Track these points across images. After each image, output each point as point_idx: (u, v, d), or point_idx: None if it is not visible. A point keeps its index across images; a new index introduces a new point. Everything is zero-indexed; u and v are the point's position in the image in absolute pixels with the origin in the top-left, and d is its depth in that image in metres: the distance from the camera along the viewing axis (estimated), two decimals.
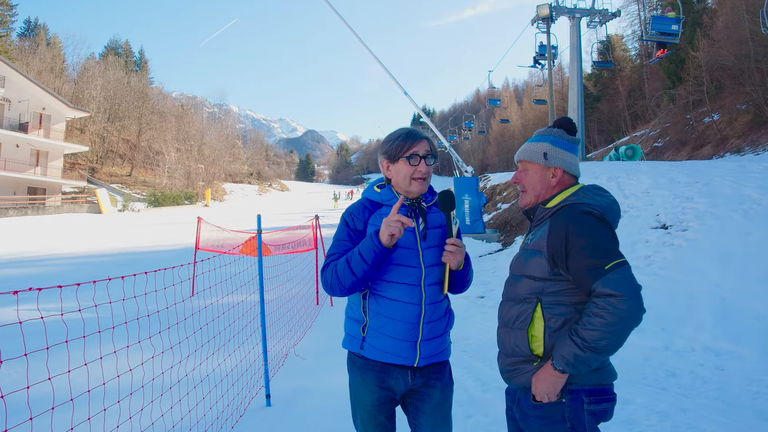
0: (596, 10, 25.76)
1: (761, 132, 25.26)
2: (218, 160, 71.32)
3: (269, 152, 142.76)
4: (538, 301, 2.09)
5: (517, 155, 2.36)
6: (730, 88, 29.56)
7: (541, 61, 30.22)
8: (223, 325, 5.63)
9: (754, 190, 10.05)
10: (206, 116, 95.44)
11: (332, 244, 2.39)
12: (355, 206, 2.42)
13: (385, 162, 2.43)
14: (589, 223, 2.01)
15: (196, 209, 45.33)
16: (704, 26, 35.17)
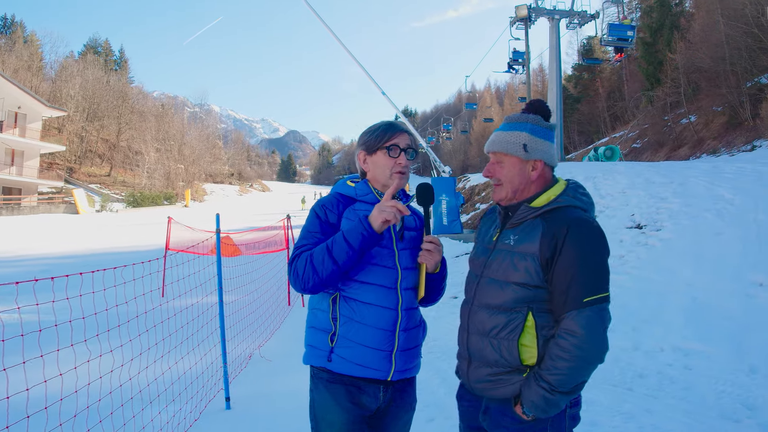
0: (575, 12, 25.97)
1: (736, 133, 25.58)
2: (198, 161, 70.73)
3: (251, 152, 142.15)
4: (529, 310, 1.91)
5: (489, 146, 2.11)
6: (706, 90, 29.92)
7: (515, 67, 30.93)
8: (181, 324, 5.38)
9: (727, 191, 10.11)
10: (187, 116, 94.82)
11: (301, 236, 2.17)
12: (327, 199, 2.23)
13: (363, 154, 2.28)
14: (590, 240, 1.89)
15: (176, 210, 44.86)
16: (681, 29, 35.55)
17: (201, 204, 57.08)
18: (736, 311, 6.07)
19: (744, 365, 4.99)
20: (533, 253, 1.92)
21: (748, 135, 24.10)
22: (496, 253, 2.06)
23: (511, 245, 2.00)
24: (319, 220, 2.18)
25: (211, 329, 5.63)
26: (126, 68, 75.35)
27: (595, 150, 23.45)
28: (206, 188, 69.18)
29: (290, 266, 2.11)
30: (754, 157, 16.73)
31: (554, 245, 1.88)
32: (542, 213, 1.98)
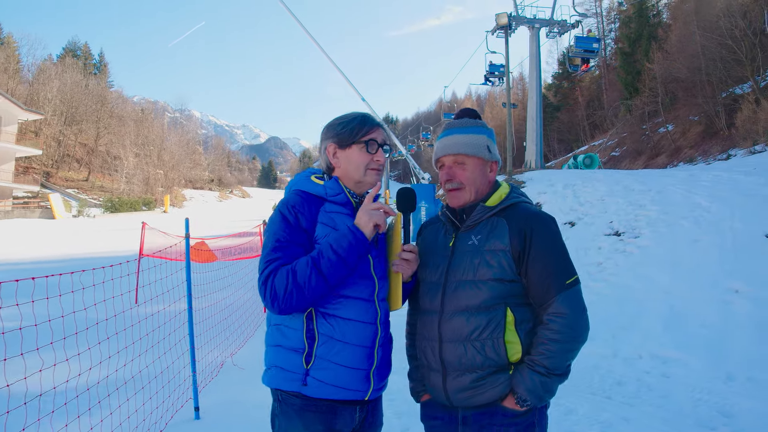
0: (555, 21, 26.13)
1: (712, 142, 25.96)
2: (178, 166, 70.19)
3: (231, 158, 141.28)
4: (506, 305, 1.93)
5: (451, 148, 2.08)
6: (683, 100, 30.37)
7: (491, 79, 31.51)
8: (152, 328, 5.22)
9: (704, 199, 10.19)
10: (167, 121, 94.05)
11: (270, 246, 1.88)
12: (293, 199, 1.95)
13: (333, 147, 2.05)
14: (554, 230, 1.99)
15: (155, 215, 44.35)
16: (659, 39, 36.08)
17: (180, 210, 56.51)
18: (713, 318, 6.08)
19: (721, 372, 4.98)
20: (503, 249, 1.95)
21: (723, 144, 24.47)
22: (460, 256, 2.03)
23: (477, 245, 2.00)
24: (289, 224, 1.90)
25: (181, 335, 5.45)
26: (105, 72, 74.46)
27: (575, 158, 23.65)
28: (186, 194, 68.57)
29: (265, 284, 1.81)
30: (729, 166, 16.92)
31: (523, 239, 1.93)
32: (498, 211, 2.04)
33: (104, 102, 61.80)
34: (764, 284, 6.60)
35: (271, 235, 1.92)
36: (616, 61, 45.38)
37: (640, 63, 37.69)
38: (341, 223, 1.95)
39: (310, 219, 1.92)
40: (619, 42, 46.86)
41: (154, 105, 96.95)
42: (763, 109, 21.59)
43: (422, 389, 2.17)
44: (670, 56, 31.25)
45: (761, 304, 6.17)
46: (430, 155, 37.36)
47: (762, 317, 5.90)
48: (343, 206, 2.01)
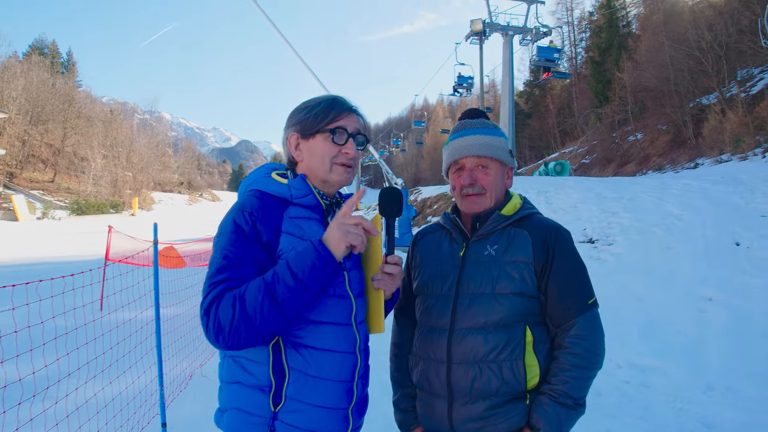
0: (528, 29, 26.41)
1: (680, 151, 26.44)
2: (147, 168, 69.07)
3: (201, 161, 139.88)
4: (525, 323, 1.76)
5: (477, 149, 1.88)
6: (652, 109, 30.91)
7: (459, 90, 32.16)
8: (117, 340, 4.97)
9: (675, 207, 10.32)
10: (137, 123, 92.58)
11: (217, 264, 1.50)
12: (251, 202, 1.58)
13: (295, 137, 1.73)
14: (573, 245, 1.86)
15: (122, 218, 43.48)
16: (629, 49, 36.71)
17: (149, 213, 55.65)
18: (689, 326, 6.08)
19: (700, 382, 4.95)
20: (525, 261, 1.79)
21: (691, 153, 24.94)
22: (474, 267, 1.84)
23: (494, 256, 1.82)
24: (242, 235, 1.53)
25: (149, 346, 5.18)
26: (74, 71, 72.86)
27: (546, 165, 23.91)
28: (154, 197, 67.60)
29: (207, 313, 1.45)
30: (697, 174, 17.24)
31: (546, 252, 1.79)
32: (514, 221, 1.89)
33: (72, 102, 60.44)
34: (736, 292, 6.64)
35: (219, 249, 1.54)
36: (586, 70, 46.08)
37: (610, 72, 38.33)
38: (310, 231, 1.63)
39: (271, 228, 1.56)
40: (589, 51, 47.61)
41: (124, 106, 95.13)
42: (728, 120, 22.06)
43: (413, 422, 1.96)
44: (640, 66, 31.81)
45: (735, 311, 6.20)
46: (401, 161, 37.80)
47: (736, 325, 5.91)
48: (312, 210, 1.68)
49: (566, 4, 52.84)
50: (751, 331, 5.78)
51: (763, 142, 18.93)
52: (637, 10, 44.13)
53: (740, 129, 20.98)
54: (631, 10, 44.39)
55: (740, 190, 10.80)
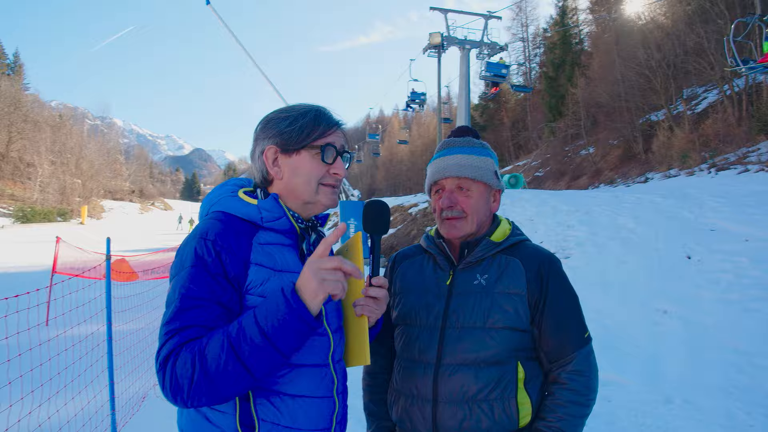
0: (485, 43, 26.79)
1: (631, 165, 27.19)
2: (97, 176, 67.09)
3: (154, 169, 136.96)
4: (517, 359, 1.66)
5: (457, 170, 1.77)
6: (603, 124, 31.72)
7: (412, 106, 32.80)
8: (68, 361, 4.72)
9: (629, 220, 10.54)
10: (87, 128, 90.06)
11: (175, 306, 1.30)
12: (215, 229, 1.38)
13: (273, 151, 1.51)
14: (566, 277, 1.79)
15: (70, 227, 41.96)
16: (582, 66, 37.69)
17: (98, 221, 53.89)
18: (645, 339, 6.18)
19: (659, 395, 5.01)
20: (519, 293, 1.69)
21: (641, 167, 25.66)
22: (462, 297, 1.72)
23: (485, 286, 1.72)
24: (205, 270, 1.32)
25: (101, 367, 4.91)
26: (21, 74, 70.19)
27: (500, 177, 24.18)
28: (105, 205, 65.53)
29: (163, 368, 1.25)
30: (648, 189, 17.74)
31: (540, 283, 1.71)
32: (505, 249, 1.79)
33: (18, 105, 58.07)
34: (689, 304, 6.81)
35: (177, 288, 1.32)
36: (541, 85, 47.08)
37: (563, 87, 39.29)
38: (282, 260, 1.45)
39: (238, 259, 1.36)
40: (543, 66, 48.69)
41: (74, 111, 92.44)
42: (676, 136, 22.85)
43: None
44: (592, 82, 32.73)
45: (688, 324, 6.34)
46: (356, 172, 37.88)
47: (690, 338, 6.05)
48: (284, 235, 1.50)
49: (521, 20, 53.99)
50: (704, 343, 5.91)
51: (708, 158, 19.63)
52: (589, 28, 45.42)
53: (687, 145, 21.74)
54: (584, 28, 45.67)
55: (689, 205, 11.11)
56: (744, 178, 15.52)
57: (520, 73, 54.98)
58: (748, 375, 5.12)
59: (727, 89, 22.45)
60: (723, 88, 22.84)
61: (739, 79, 21.78)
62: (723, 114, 21.92)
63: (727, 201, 10.60)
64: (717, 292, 6.92)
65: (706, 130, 21.82)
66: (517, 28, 53.92)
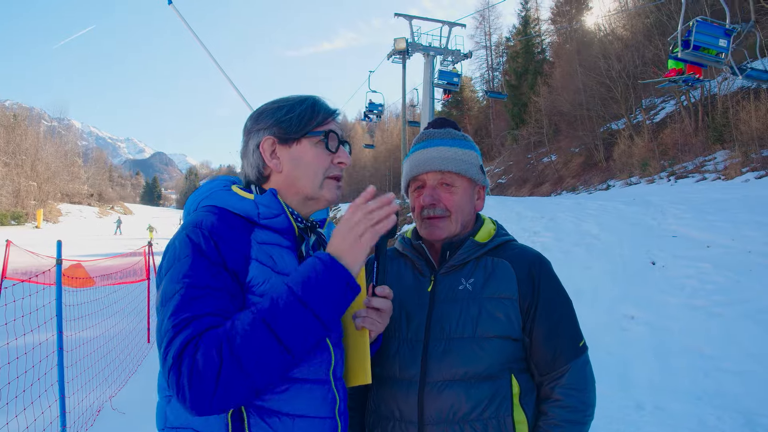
0: (449, 50, 26.95)
1: (592, 173, 27.68)
2: (54, 178, 65.04)
3: (113, 173, 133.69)
4: (510, 372, 1.48)
5: (438, 163, 1.60)
6: (565, 132, 32.24)
7: (370, 116, 33.08)
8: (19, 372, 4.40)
9: (593, 226, 10.66)
10: (44, 130, 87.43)
11: (180, 297, 1.12)
12: (211, 221, 1.23)
13: (271, 142, 1.37)
14: (558, 279, 1.60)
15: (25, 231, 40.61)
16: (544, 75, 38.26)
17: (55, 225, 52.30)
18: (614, 345, 6.19)
19: (631, 401, 4.99)
20: (510, 298, 1.51)
21: (602, 175, 26.14)
22: (447, 305, 1.54)
23: (471, 291, 1.54)
24: (205, 259, 1.17)
25: (51, 380, 4.58)
26: None
27: None
28: (61, 209, 63.62)
29: (177, 365, 1.05)
30: (610, 196, 18.06)
31: (532, 287, 1.53)
32: (490, 250, 1.62)
33: None
34: (655, 310, 6.87)
35: (177, 279, 1.15)
36: (503, 93, 47.74)
37: (526, 96, 39.80)
38: (283, 263, 1.29)
39: (237, 253, 1.21)
40: (506, 75, 49.30)
41: (29, 111, 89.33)
42: (636, 145, 23.34)
43: None
44: (555, 91, 33.21)
45: (655, 329, 6.39)
46: None
47: (657, 343, 6.08)
48: (282, 235, 1.34)
49: (485, 29, 54.58)
50: (671, 348, 5.96)
51: (667, 166, 20.10)
52: (551, 38, 46.23)
53: (647, 153, 22.23)
54: (546, 38, 46.47)
55: (651, 212, 11.30)
56: (702, 186, 15.92)
57: (483, 81, 55.64)
58: (715, 379, 5.17)
59: (684, 100, 23.04)
60: (680, 99, 23.44)
61: (694, 91, 22.38)
62: (680, 124, 22.50)
63: (688, 208, 10.81)
64: (682, 297, 7.00)
65: (665, 139, 22.36)
66: (481, 37, 54.53)
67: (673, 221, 10.09)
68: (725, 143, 18.89)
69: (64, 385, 4.04)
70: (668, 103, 26.69)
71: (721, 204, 10.92)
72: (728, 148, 18.30)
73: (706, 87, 21.78)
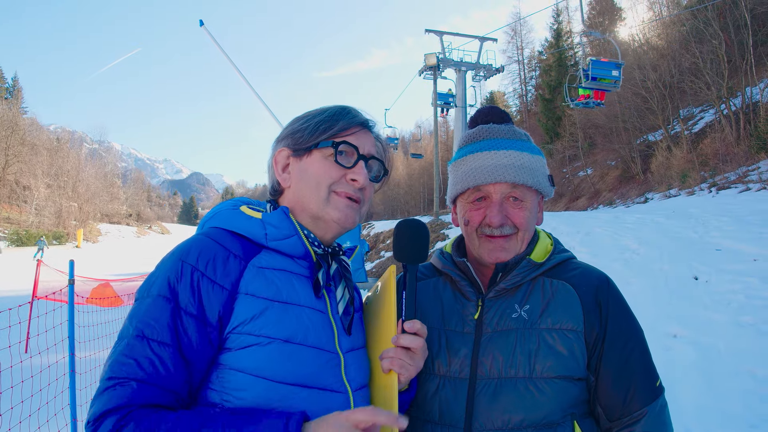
0: (481, 65, 26.81)
1: (629, 186, 27.08)
2: (94, 199, 67.01)
3: (151, 193, 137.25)
4: (573, 418, 1.24)
5: (509, 173, 1.32)
6: (601, 145, 31.75)
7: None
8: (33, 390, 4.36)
9: (631, 241, 10.31)
10: (85, 152, 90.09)
11: (128, 343, 1.00)
12: (201, 246, 1.09)
13: (285, 154, 1.25)
14: (628, 306, 1.36)
15: (66, 250, 41.72)
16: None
17: (94, 245, 53.62)
18: (657, 366, 5.84)
19: (678, 427, 4.66)
20: (575, 330, 1.26)
21: (640, 188, 25.55)
22: (497, 336, 1.29)
23: (527, 320, 1.28)
24: (177, 306, 1.02)
25: (64, 402, 4.43)
26: (19, 97, 70.34)
27: None
28: (101, 228, 65.41)
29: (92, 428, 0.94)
30: (649, 209, 17.56)
31: (600, 316, 1.28)
32: (547, 270, 1.36)
33: (15, 128, 57.99)
34: (699, 328, 6.51)
35: (135, 320, 1.03)
36: (536, 107, 47.27)
37: (560, 109, 39.34)
38: (289, 292, 1.12)
39: (221, 289, 1.05)
40: (539, 89, 48.90)
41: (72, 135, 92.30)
42: (674, 156, 22.75)
43: None
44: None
45: (701, 349, 6.03)
46: None
47: (704, 363, 5.73)
48: (295, 261, 1.18)
49: (516, 44, 54.42)
50: (718, 369, 5.60)
51: (708, 177, 19.48)
52: (584, 50, 45.75)
53: (686, 165, 21.64)
54: (578, 50, 46.01)
55: (693, 224, 10.90)
56: (745, 197, 15.33)
57: (516, 96, 55.28)
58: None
59: (724, 108, 22.39)
60: (720, 108, 22.79)
61: (735, 99, 21.76)
62: (721, 133, 21.86)
63: (731, 220, 10.38)
64: (728, 314, 6.63)
65: (705, 149, 21.75)
66: (513, 51, 54.34)
67: (716, 234, 9.69)
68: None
69: (76, 409, 3.95)
70: (707, 113, 26.00)
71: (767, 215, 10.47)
72: None
73: (747, 94, 21.13)
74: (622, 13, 41.56)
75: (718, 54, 22.28)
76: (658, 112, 26.31)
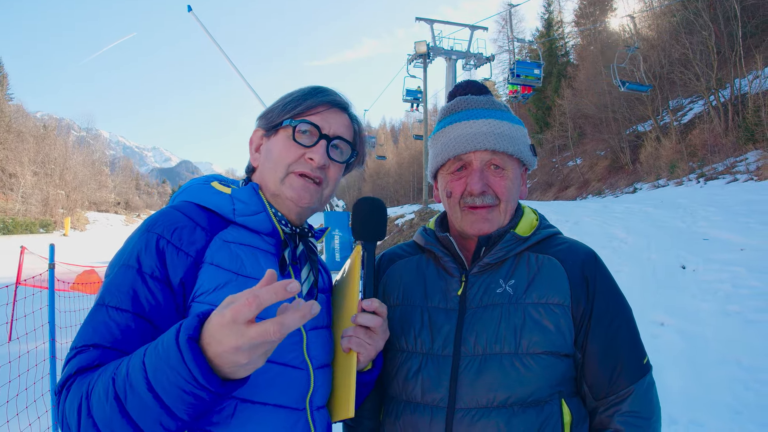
0: (471, 54, 26.70)
1: (618, 176, 27.18)
2: (82, 187, 66.33)
3: (140, 181, 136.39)
4: (560, 396, 1.20)
5: (489, 140, 1.29)
6: (591, 135, 31.80)
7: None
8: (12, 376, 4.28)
9: (619, 230, 10.34)
10: (73, 140, 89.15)
11: (89, 316, 1.02)
12: (168, 219, 1.09)
13: (259, 134, 1.28)
14: (614, 281, 1.34)
15: (53, 238, 41.21)
16: (568, 77, 37.79)
17: (82, 233, 53.20)
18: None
19: (663, 415, 4.68)
20: (561, 304, 1.23)
21: (629, 178, 25.64)
22: (481, 312, 1.25)
23: (512, 295, 1.25)
24: (140, 273, 1.02)
25: (44, 388, 4.37)
26: (4, 83, 69.01)
27: None
28: (89, 216, 64.90)
29: (58, 397, 0.96)
30: (637, 199, 17.62)
31: (587, 291, 1.25)
32: (533, 245, 1.33)
33: (0, 115, 57.29)
34: (686, 316, 6.54)
35: (100, 291, 1.04)
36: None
37: (550, 99, 39.35)
38: (252, 266, 1.11)
39: (187, 257, 1.05)
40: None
41: (59, 122, 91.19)
42: (663, 147, 22.83)
43: None
44: (579, 93, 32.80)
45: (687, 337, 6.06)
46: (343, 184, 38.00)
47: (691, 352, 5.75)
48: (262, 238, 1.18)
49: (507, 33, 54.20)
50: (705, 357, 5.62)
51: (696, 168, 19.58)
52: (574, 40, 45.67)
53: (674, 155, 21.73)
54: (569, 40, 45.94)
55: (681, 214, 10.94)
56: (733, 188, 15.40)
57: (505, 85, 55.15)
58: (756, 392, 4.82)
59: (713, 100, 22.46)
60: (709, 99, 22.86)
61: (724, 90, 21.83)
62: (710, 124, 21.94)
63: (719, 210, 10.43)
64: (715, 302, 6.66)
65: (694, 140, 21.83)
66: (503, 41, 54.16)
67: (704, 224, 9.73)
68: (757, 143, 18.35)
69: None
70: (696, 104, 26.08)
71: (755, 205, 10.52)
72: (761, 147, 17.77)
73: (736, 86, 21.21)
74: (613, 2, 41.46)
75: (707, 45, 22.32)
76: (647, 102, 26.36)
